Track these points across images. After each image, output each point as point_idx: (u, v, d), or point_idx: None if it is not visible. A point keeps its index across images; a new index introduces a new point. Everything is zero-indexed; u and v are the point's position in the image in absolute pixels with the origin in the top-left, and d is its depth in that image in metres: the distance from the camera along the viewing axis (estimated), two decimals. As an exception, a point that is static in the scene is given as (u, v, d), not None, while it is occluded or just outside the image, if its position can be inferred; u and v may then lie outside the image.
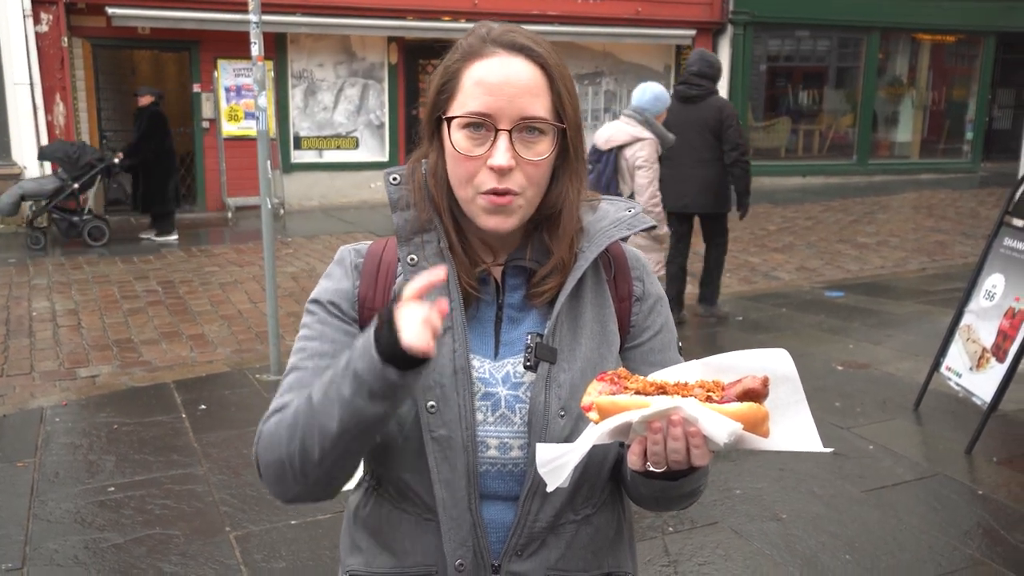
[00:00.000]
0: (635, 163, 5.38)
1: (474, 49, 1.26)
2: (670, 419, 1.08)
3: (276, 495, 1.30)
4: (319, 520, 3.71)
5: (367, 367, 1.12)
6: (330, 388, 1.18)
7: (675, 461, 1.10)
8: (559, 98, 1.26)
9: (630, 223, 1.35)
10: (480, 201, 1.26)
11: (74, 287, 8.09)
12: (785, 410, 1.13)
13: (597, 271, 1.37)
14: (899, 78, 17.64)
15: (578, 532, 1.35)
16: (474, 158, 1.24)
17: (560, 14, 13.92)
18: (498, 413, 1.29)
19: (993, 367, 4.49)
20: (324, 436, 1.18)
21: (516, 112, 1.23)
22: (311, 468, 1.22)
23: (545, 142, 1.26)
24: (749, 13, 15.12)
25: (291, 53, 13.19)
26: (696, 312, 7.08)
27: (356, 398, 1.14)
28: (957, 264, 9.13)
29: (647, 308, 1.40)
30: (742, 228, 11.38)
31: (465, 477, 1.27)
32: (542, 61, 1.25)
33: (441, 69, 1.29)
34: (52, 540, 3.54)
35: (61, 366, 5.87)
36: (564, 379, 1.29)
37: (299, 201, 13.34)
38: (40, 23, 11.21)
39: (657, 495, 1.28)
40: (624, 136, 5.42)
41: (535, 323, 1.33)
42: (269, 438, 1.26)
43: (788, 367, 1.15)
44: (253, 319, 7.01)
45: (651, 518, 3.70)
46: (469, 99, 1.24)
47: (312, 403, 1.20)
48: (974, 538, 3.59)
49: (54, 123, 11.42)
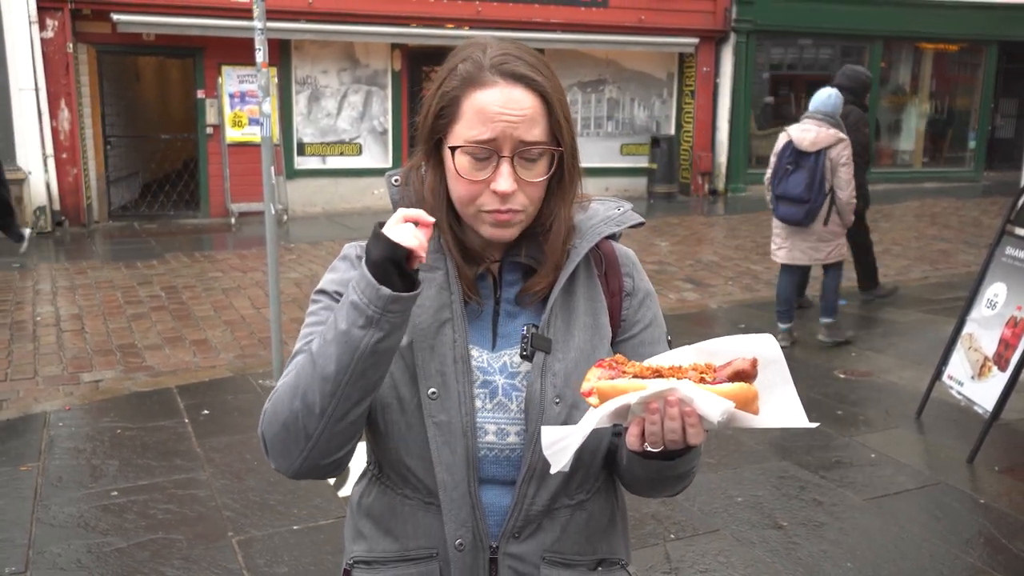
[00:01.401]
0: (839, 161, 5.93)
1: (473, 77, 1.29)
2: (667, 399, 1.14)
3: (282, 469, 1.32)
4: (321, 525, 3.72)
5: (362, 290, 1.20)
6: (327, 331, 1.24)
7: (672, 440, 1.16)
8: (557, 123, 1.32)
9: (619, 220, 1.42)
10: (484, 218, 1.33)
11: (78, 292, 8.12)
12: (773, 389, 1.20)
13: (589, 267, 1.43)
14: (902, 87, 17.67)
15: (573, 516, 1.41)
16: (477, 182, 1.30)
17: (563, 22, 13.96)
18: (496, 400, 1.36)
19: (995, 376, 4.49)
20: (324, 382, 1.23)
21: (517, 139, 1.28)
22: (313, 423, 1.25)
23: (543, 164, 1.32)
24: (752, 22, 15.15)
25: (295, 59, 13.23)
26: (865, 300, 7.62)
27: (352, 328, 1.21)
28: (959, 273, 9.13)
29: (637, 302, 1.46)
30: (745, 236, 11.41)
31: (464, 461, 1.33)
32: (541, 90, 1.30)
33: (439, 93, 1.33)
34: (55, 544, 3.55)
35: (65, 371, 5.88)
36: (559, 368, 1.35)
37: (302, 207, 13.37)
38: (46, 29, 11.25)
39: (653, 476, 1.34)
40: (829, 138, 5.93)
41: (531, 317, 1.40)
42: (272, 407, 1.30)
43: (774, 350, 1.22)
44: (256, 324, 7.02)
45: (652, 525, 3.71)
46: (471, 127, 1.29)
47: (312, 355, 1.26)
48: (976, 547, 3.59)
49: (59, 128, 11.46)
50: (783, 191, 6.01)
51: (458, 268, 1.36)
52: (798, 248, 6.17)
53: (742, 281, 8.78)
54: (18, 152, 11.20)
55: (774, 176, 6.13)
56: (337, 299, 1.39)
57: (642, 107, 15.53)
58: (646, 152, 15.30)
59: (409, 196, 1.39)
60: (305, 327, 1.41)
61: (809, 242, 6.13)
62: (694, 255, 10.16)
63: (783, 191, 6.01)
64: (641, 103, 15.52)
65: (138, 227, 12.24)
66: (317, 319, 1.39)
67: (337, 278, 1.42)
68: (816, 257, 6.19)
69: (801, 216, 5.97)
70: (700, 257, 10.06)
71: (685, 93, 15.59)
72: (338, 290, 1.40)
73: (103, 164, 12.46)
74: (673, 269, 9.27)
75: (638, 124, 15.51)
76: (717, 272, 9.19)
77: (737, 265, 9.58)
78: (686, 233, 11.72)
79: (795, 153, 5.96)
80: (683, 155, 15.57)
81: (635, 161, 15.35)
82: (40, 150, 11.29)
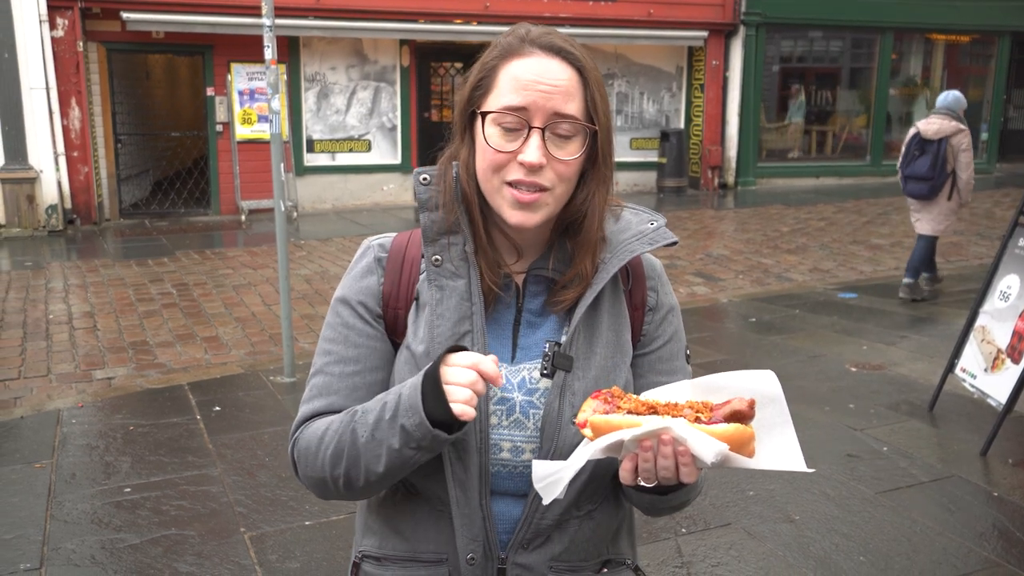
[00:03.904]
0: (960, 147, 7.13)
1: (512, 48, 1.29)
2: (660, 439, 1.13)
3: (314, 494, 1.40)
4: (333, 521, 3.73)
5: (415, 426, 1.22)
6: (377, 432, 1.26)
7: (664, 477, 1.16)
8: (592, 101, 1.29)
9: (652, 238, 1.36)
10: (506, 193, 1.28)
11: (90, 290, 8.16)
12: (771, 430, 1.19)
13: (615, 281, 1.39)
14: (913, 78, 17.56)
15: (581, 527, 1.39)
16: (506, 153, 1.26)
17: (572, 16, 13.93)
18: (512, 418, 1.33)
19: (1008, 368, 4.46)
20: (370, 472, 1.29)
21: (550, 110, 1.25)
22: (356, 491, 1.33)
23: (576, 143, 1.28)
24: (761, 14, 15.08)
25: (304, 56, 13.25)
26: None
27: (405, 449, 1.24)
28: (972, 265, 9.09)
29: (659, 318, 1.43)
30: (755, 230, 11.37)
31: (478, 477, 1.31)
32: (579, 64, 1.28)
33: (478, 66, 1.32)
34: (69, 540, 3.57)
35: (77, 368, 5.92)
36: (578, 387, 1.32)
37: (312, 204, 13.40)
38: (56, 28, 11.30)
39: (647, 505, 1.36)
40: (951, 128, 7.15)
41: (552, 329, 1.36)
42: (309, 455, 1.34)
43: (775, 389, 1.20)
44: (267, 321, 7.04)
45: (663, 520, 3.70)
46: (504, 94, 1.26)
47: (357, 440, 1.28)
48: (990, 540, 3.57)
49: (69, 127, 11.51)
50: (911, 172, 7.31)
51: (481, 275, 1.33)
52: (925, 219, 7.49)
53: (752, 275, 8.75)
54: (29, 151, 11.26)
55: (904, 160, 7.40)
56: (357, 311, 1.37)
57: (651, 101, 15.49)
58: (656, 146, 15.27)
59: (440, 195, 1.34)
60: (325, 340, 1.40)
61: (932, 214, 7.42)
62: (704, 249, 10.14)
63: (911, 172, 7.31)
64: (650, 97, 15.47)
65: (149, 225, 12.29)
66: (335, 334, 1.39)
67: (357, 285, 1.39)
68: (938, 228, 7.48)
69: (926, 191, 7.28)
70: (710, 251, 10.03)
71: (694, 87, 15.55)
72: (360, 300, 1.38)
73: (114, 162, 12.52)
74: (683, 263, 9.25)
75: (647, 118, 15.47)
76: (727, 266, 9.17)
77: (747, 259, 9.55)
78: (696, 227, 11.69)
79: (921, 141, 7.24)
80: (693, 149, 15.52)
81: (645, 155, 15.32)
82: (51, 149, 11.34)
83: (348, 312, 1.38)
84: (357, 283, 1.39)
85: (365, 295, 1.38)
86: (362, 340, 1.37)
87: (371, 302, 1.38)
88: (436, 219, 1.34)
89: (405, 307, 1.36)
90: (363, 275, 1.39)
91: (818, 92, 16.76)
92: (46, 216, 11.30)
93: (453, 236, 1.33)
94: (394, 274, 1.38)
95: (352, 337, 1.37)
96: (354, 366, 1.36)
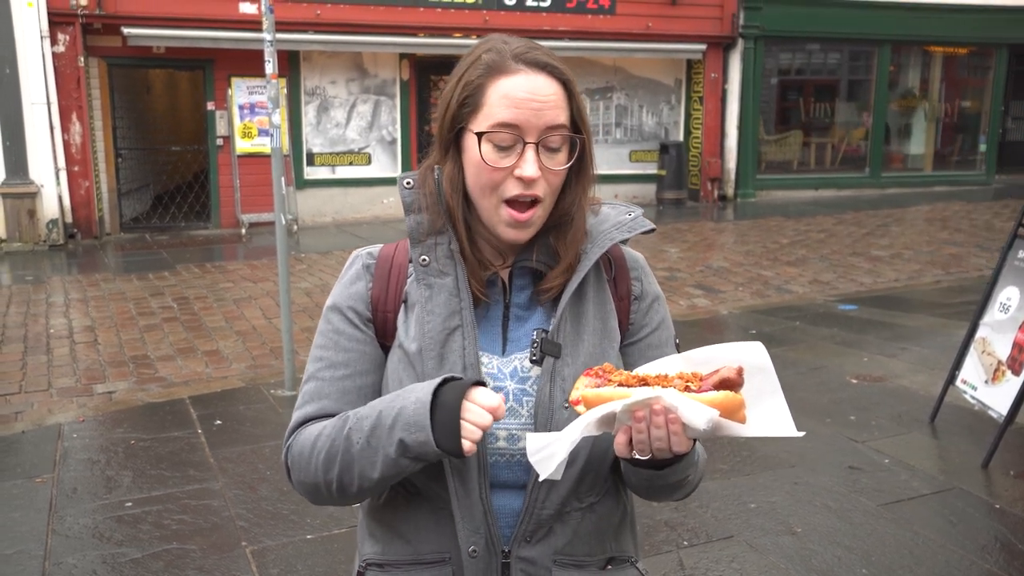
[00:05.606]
0: None
1: (497, 65, 1.33)
2: (652, 407, 1.16)
3: (307, 499, 1.44)
4: (335, 535, 3.73)
5: (418, 443, 1.25)
6: (373, 439, 1.29)
7: (658, 448, 1.18)
8: (578, 111, 1.35)
9: (630, 226, 1.43)
10: (503, 214, 1.34)
11: (90, 304, 8.16)
12: (761, 398, 1.20)
13: (598, 271, 1.44)
14: (911, 90, 17.61)
15: (583, 519, 1.41)
16: (501, 169, 1.31)
17: (571, 29, 13.99)
18: (506, 406, 1.36)
19: (1009, 380, 4.47)
20: (364, 478, 1.32)
21: (542, 125, 1.31)
22: (348, 496, 1.36)
23: (564, 152, 1.35)
24: (759, 27, 15.14)
25: (304, 70, 13.30)
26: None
27: (401, 459, 1.28)
28: (972, 277, 9.10)
29: (646, 306, 1.48)
30: (755, 242, 11.39)
31: (476, 467, 1.35)
32: (563, 77, 1.34)
33: (461, 83, 1.35)
34: (71, 555, 3.56)
35: (78, 382, 5.92)
36: (568, 373, 1.37)
37: (312, 217, 13.42)
38: (57, 43, 11.35)
39: (645, 484, 1.36)
40: None
41: (540, 321, 1.41)
42: (302, 460, 1.37)
43: (763, 358, 1.22)
44: (267, 335, 7.05)
45: (665, 532, 3.70)
46: (496, 112, 1.31)
47: (351, 446, 1.31)
48: (992, 552, 3.57)
49: (70, 142, 11.55)
50: None
51: (468, 272, 1.38)
52: None
53: (752, 287, 8.76)
54: (30, 165, 11.29)
55: None
56: (347, 317, 1.41)
57: (650, 114, 15.54)
58: (655, 158, 15.31)
59: (423, 198, 1.40)
60: (317, 347, 1.44)
61: None
62: (704, 261, 10.15)
63: None
64: (649, 110, 15.52)
65: (149, 239, 12.31)
66: (326, 341, 1.43)
67: (347, 291, 1.44)
68: None
69: None
70: (710, 263, 10.05)
71: (693, 99, 15.60)
72: (350, 305, 1.42)
73: (114, 176, 12.55)
74: (683, 275, 9.26)
75: (647, 131, 15.51)
76: (727, 278, 9.18)
77: (747, 271, 9.56)
78: (696, 239, 11.71)
79: None
80: (692, 161, 15.56)
81: (644, 168, 15.36)
82: (52, 163, 11.38)
83: (338, 318, 1.42)
84: (347, 289, 1.44)
85: (355, 300, 1.42)
86: (352, 345, 1.41)
87: (360, 307, 1.42)
88: (422, 221, 1.39)
89: (394, 310, 1.41)
90: (352, 281, 1.44)
91: (817, 104, 16.82)
92: (47, 230, 11.33)
93: (439, 236, 1.38)
94: (382, 279, 1.43)
95: (342, 342, 1.41)
96: (344, 370, 1.40)
